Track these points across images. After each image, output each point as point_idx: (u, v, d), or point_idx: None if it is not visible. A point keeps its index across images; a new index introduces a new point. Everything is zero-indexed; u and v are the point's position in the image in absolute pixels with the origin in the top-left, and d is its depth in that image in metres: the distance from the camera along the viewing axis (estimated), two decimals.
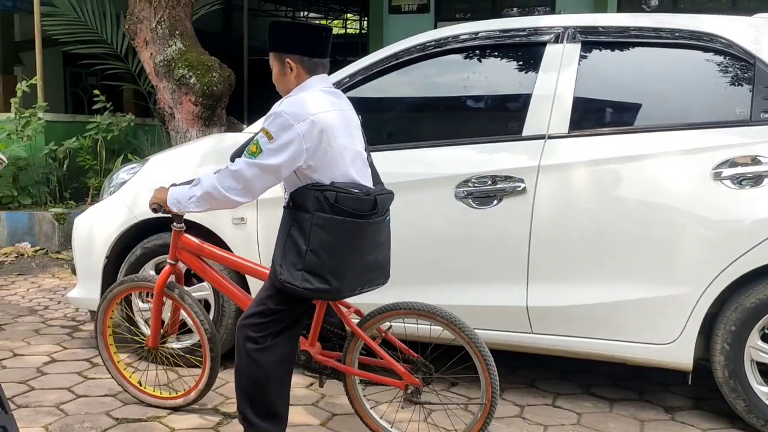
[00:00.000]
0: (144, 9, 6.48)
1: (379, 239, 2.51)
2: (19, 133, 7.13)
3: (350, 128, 2.50)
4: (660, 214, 2.99)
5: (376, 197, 2.44)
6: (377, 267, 2.54)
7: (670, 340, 2.98)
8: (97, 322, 3.21)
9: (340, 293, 2.47)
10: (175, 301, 3.01)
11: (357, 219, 2.37)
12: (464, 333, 2.57)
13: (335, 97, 2.54)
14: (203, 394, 3.08)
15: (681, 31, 3.18)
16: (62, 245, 6.79)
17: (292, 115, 2.35)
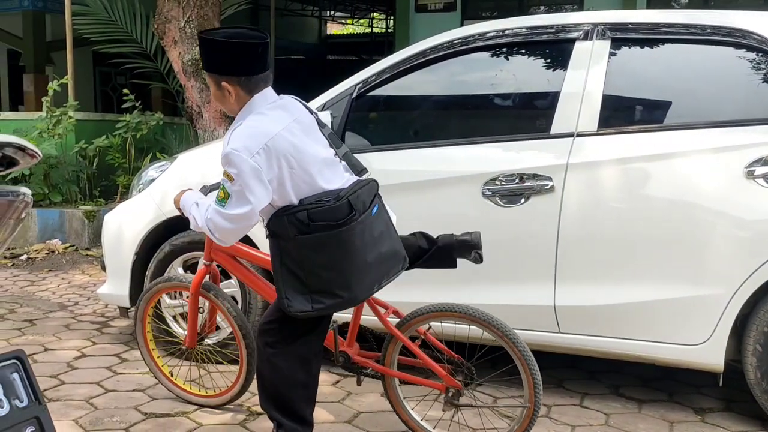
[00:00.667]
0: (173, 9, 6.54)
1: (374, 234, 2.37)
2: (51, 132, 7.23)
3: (308, 135, 2.41)
4: (691, 213, 2.95)
5: (349, 199, 2.31)
6: (386, 259, 2.43)
7: (701, 341, 2.94)
8: (136, 324, 3.22)
9: (356, 300, 2.42)
10: (210, 301, 3.00)
11: (339, 228, 2.28)
12: (506, 335, 2.53)
13: (283, 109, 2.41)
14: (242, 393, 3.07)
15: (713, 27, 3.13)
16: (92, 242, 6.88)
17: (245, 151, 2.23)
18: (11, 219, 1.28)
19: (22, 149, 1.23)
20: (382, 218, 2.44)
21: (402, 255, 2.51)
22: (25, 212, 1.33)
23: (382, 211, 2.46)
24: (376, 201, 2.42)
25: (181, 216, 3.66)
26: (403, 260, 2.51)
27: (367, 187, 2.40)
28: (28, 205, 1.32)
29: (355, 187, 2.37)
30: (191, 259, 3.74)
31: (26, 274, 6.07)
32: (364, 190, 2.38)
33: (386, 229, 2.45)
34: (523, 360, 2.52)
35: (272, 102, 2.41)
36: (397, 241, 2.49)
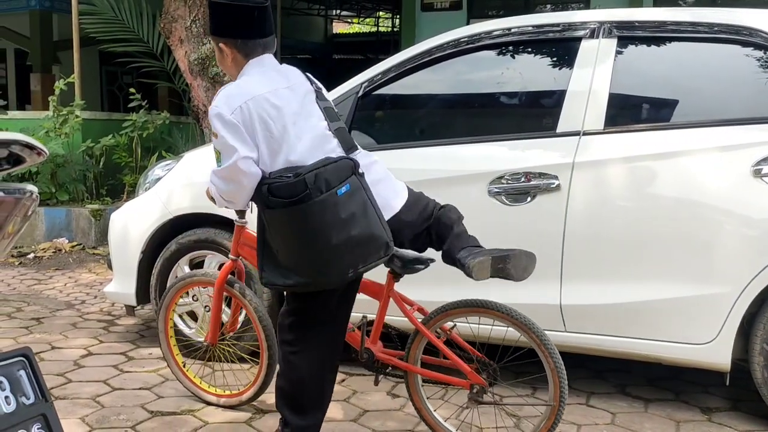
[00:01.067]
0: (179, 8, 6.55)
1: (341, 215, 2.22)
2: (57, 131, 7.25)
3: (297, 103, 2.37)
4: (697, 212, 2.94)
5: (305, 177, 2.20)
6: (359, 243, 2.26)
7: (707, 340, 2.93)
8: (158, 321, 3.20)
9: (326, 283, 2.33)
10: (235, 297, 2.98)
11: (294, 206, 2.21)
12: (532, 331, 2.52)
13: (277, 73, 2.42)
14: (261, 391, 3.04)
15: (719, 26, 3.12)
16: (99, 241, 6.90)
17: (225, 107, 2.29)
18: (18, 216, 1.29)
19: (28, 147, 1.24)
20: (355, 200, 2.26)
21: (382, 241, 2.31)
22: (32, 210, 1.34)
23: (357, 192, 2.27)
24: (347, 181, 2.26)
25: (188, 215, 3.71)
26: (383, 246, 2.32)
27: (333, 165, 2.26)
28: (35, 202, 1.33)
29: (318, 164, 2.26)
30: (197, 257, 3.74)
31: (33, 272, 6.09)
32: (330, 168, 2.25)
33: (360, 211, 2.27)
34: (549, 357, 2.51)
35: (267, 66, 2.42)
36: (375, 225, 2.30)
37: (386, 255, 2.35)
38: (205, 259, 3.73)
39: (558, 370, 2.50)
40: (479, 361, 2.61)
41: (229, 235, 3.60)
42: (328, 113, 2.45)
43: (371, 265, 2.33)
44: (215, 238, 3.63)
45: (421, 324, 2.64)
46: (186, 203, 3.73)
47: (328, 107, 2.47)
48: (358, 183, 2.29)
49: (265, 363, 2.98)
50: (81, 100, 7.63)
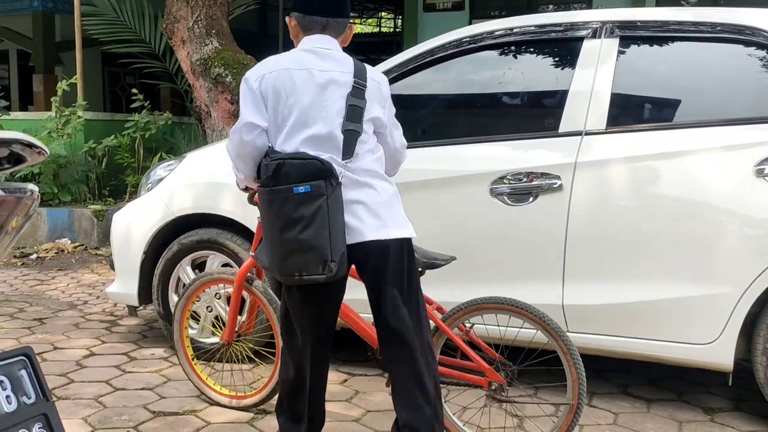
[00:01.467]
0: (181, 9, 6.55)
1: (290, 214, 2.16)
2: (60, 132, 7.27)
3: (319, 88, 2.26)
4: (699, 212, 2.93)
5: (269, 163, 2.21)
6: (299, 249, 2.17)
7: (710, 340, 2.92)
8: (174, 321, 3.18)
9: (279, 276, 2.28)
10: (253, 294, 2.97)
11: (263, 188, 2.25)
12: (552, 329, 2.53)
13: (319, 56, 2.31)
14: (274, 394, 3.01)
15: (722, 25, 3.12)
16: (101, 241, 6.91)
17: (251, 77, 2.31)
18: (19, 215, 1.29)
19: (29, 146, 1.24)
20: (310, 204, 2.15)
21: (321, 257, 2.16)
22: (33, 209, 1.34)
23: (317, 198, 2.15)
24: (312, 183, 2.15)
25: (190, 215, 3.71)
26: (321, 263, 2.17)
27: (300, 162, 2.18)
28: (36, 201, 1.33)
29: (288, 155, 2.22)
30: (200, 257, 3.75)
31: (36, 273, 6.10)
32: (295, 163, 2.18)
33: (311, 217, 2.15)
34: (568, 355, 2.51)
35: (315, 45, 2.34)
36: (320, 238, 2.15)
37: (324, 273, 2.17)
38: (207, 259, 3.73)
39: (576, 366, 2.50)
40: (497, 362, 2.61)
41: (230, 235, 3.61)
42: (351, 112, 2.29)
43: (312, 278, 2.20)
44: (217, 239, 3.63)
45: (441, 321, 2.64)
46: (188, 203, 3.74)
47: (354, 105, 2.30)
48: (322, 189, 2.15)
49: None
50: (83, 101, 7.65)
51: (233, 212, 3.57)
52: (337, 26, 2.39)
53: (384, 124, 2.39)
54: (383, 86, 2.40)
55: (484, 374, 2.60)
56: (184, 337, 3.19)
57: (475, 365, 2.61)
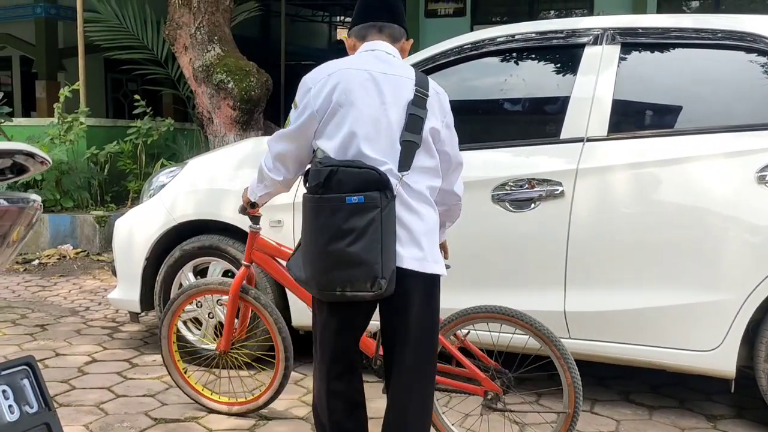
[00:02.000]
0: (184, 15, 6.58)
1: (340, 224, 2.03)
2: (62, 138, 7.29)
3: (379, 92, 2.15)
4: (701, 219, 2.93)
5: (321, 169, 2.07)
6: (349, 262, 2.04)
7: (712, 347, 2.92)
8: (162, 327, 3.16)
9: (317, 291, 2.15)
10: (250, 304, 2.97)
11: (310, 195, 2.10)
12: (546, 337, 2.54)
13: (379, 60, 2.22)
14: (274, 398, 3.04)
15: (723, 32, 3.12)
16: (103, 247, 6.92)
17: (311, 80, 2.20)
18: (22, 225, 1.30)
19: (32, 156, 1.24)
20: (363, 215, 2.03)
21: (372, 272, 2.04)
22: (36, 218, 1.35)
23: (371, 209, 2.03)
24: (365, 194, 2.04)
25: (192, 221, 3.72)
26: (371, 279, 2.04)
27: (356, 170, 2.06)
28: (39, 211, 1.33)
29: (343, 162, 2.09)
30: (201, 264, 3.75)
31: (38, 279, 6.11)
32: (351, 171, 2.06)
33: (363, 229, 2.03)
34: (563, 363, 2.52)
35: (376, 50, 2.26)
36: (372, 252, 2.03)
37: (372, 290, 2.05)
38: (209, 265, 3.73)
39: (572, 375, 2.51)
40: (492, 369, 2.61)
41: (232, 242, 3.62)
42: (411, 122, 2.16)
43: (359, 295, 2.07)
44: (219, 245, 3.64)
45: None
46: (190, 210, 3.74)
47: (414, 115, 2.17)
48: (377, 201, 2.03)
49: (280, 370, 2.98)
50: (86, 107, 7.67)
51: (235, 219, 3.57)
52: (393, 31, 2.30)
53: (442, 139, 2.25)
54: (444, 99, 2.28)
55: (480, 383, 2.60)
56: (173, 351, 3.17)
57: (470, 373, 2.61)
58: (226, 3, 6.76)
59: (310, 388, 3.37)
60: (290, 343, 2.98)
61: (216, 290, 3.11)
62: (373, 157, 2.09)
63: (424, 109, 2.18)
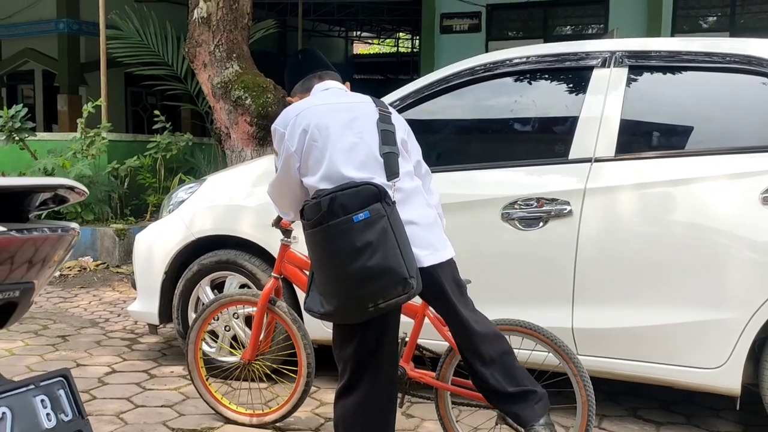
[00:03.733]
0: (203, 33, 6.72)
1: (356, 243, 2.11)
2: (84, 153, 7.45)
3: (348, 119, 2.35)
4: (707, 238, 2.99)
5: (321, 200, 2.16)
6: (374, 276, 2.12)
7: (717, 365, 2.97)
8: (191, 333, 3.23)
9: (347, 315, 2.23)
10: (276, 315, 3.05)
11: (314, 228, 2.17)
12: (566, 354, 2.60)
13: (336, 95, 2.48)
14: (293, 411, 3.11)
15: (730, 56, 3.18)
16: (122, 259, 7.05)
17: (281, 124, 2.40)
18: (61, 249, 1.41)
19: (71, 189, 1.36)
20: (374, 228, 2.13)
21: (400, 276, 2.13)
22: (73, 243, 1.46)
23: (378, 220, 2.14)
24: (368, 208, 2.15)
25: (209, 236, 3.82)
26: (401, 282, 2.14)
27: (353, 190, 2.16)
28: (76, 237, 1.45)
29: (337, 188, 2.19)
30: (219, 278, 3.85)
31: (59, 290, 6.24)
32: (348, 192, 2.16)
33: (378, 240, 2.13)
34: (579, 377, 2.58)
35: (329, 88, 2.53)
36: (393, 258, 2.14)
37: (405, 293, 2.15)
38: (226, 279, 3.83)
39: (589, 401, 2.57)
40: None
41: (249, 257, 3.71)
42: (384, 136, 2.36)
43: (392, 302, 2.16)
44: (236, 260, 3.74)
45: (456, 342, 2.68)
46: (208, 225, 3.85)
47: (386, 130, 2.38)
48: (381, 211, 2.15)
49: (301, 384, 3.04)
50: (107, 123, 7.83)
51: (252, 234, 3.68)
52: (334, 75, 2.58)
53: (410, 150, 2.51)
54: (398, 115, 2.56)
55: None
56: (199, 358, 3.26)
57: None
58: (244, 21, 6.89)
59: (324, 401, 3.48)
60: (314, 359, 3.04)
61: (247, 301, 3.20)
62: (359, 177, 2.24)
63: (391, 124, 2.44)
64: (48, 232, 1.30)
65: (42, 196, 1.36)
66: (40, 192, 1.35)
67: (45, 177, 6.13)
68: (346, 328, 2.31)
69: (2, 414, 1.32)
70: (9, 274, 1.32)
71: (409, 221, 2.27)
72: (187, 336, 3.28)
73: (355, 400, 2.32)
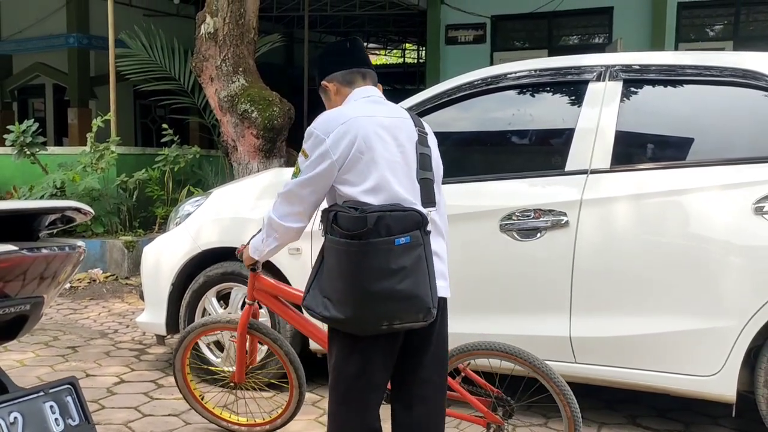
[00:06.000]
0: (210, 48, 6.84)
1: (390, 265, 2.14)
2: (94, 166, 7.56)
3: (392, 137, 2.28)
4: (701, 248, 3.05)
5: (368, 215, 2.14)
6: (398, 298, 2.17)
7: (713, 372, 3.02)
8: (175, 362, 3.29)
9: (357, 326, 2.23)
10: (259, 339, 3.11)
11: (349, 240, 2.15)
12: (544, 373, 2.64)
13: (379, 105, 2.38)
14: (291, 418, 3.19)
15: (723, 69, 3.25)
16: (131, 271, 7.14)
17: (322, 130, 2.25)
18: (68, 267, 1.49)
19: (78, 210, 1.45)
20: (411, 254, 2.17)
21: (425, 304, 2.19)
22: (80, 261, 1.55)
23: (416, 247, 2.18)
24: (410, 234, 2.17)
25: (215, 249, 3.90)
26: (424, 310, 2.19)
27: (401, 213, 2.18)
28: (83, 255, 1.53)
29: (385, 207, 2.19)
30: (224, 289, 3.93)
31: (69, 302, 6.33)
32: (395, 215, 2.17)
33: (413, 267, 2.17)
34: (561, 394, 2.63)
35: (372, 96, 2.40)
36: (423, 286, 2.19)
37: (425, 320, 2.21)
38: (231, 291, 3.91)
39: (575, 417, 2.63)
40: (495, 397, 2.71)
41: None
42: (422, 160, 2.33)
43: (407, 325, 2.22)
44: (241, 272, 3.81)
45: None
46: (214, 238, 3.93)
47: (424, 154, 2.34)
48: (419, 239, 2.18)
49: (294, 395, 3.11)
50: (117, 136, 7.94)
51: None
52: (374, 77, 2.48)
53: (440, 174, 2.43)
54: (432, 135, 2.47)
55: (483, 416, 2.71)
56: (188, 382, 3.32)
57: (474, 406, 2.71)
58: (250, 36, 7.00)
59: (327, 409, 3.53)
60: (302, 370, 3.10)
61: (224, 327, 3.24)
62: (405, 197, 2.23)
63: (428, 147, 2.37)
64: (57, 250, 1.39)
65: (51, 217, 1.46)
66: (49, 214, 1.45)
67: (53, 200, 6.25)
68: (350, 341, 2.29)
69: (14, 419, 1.40)
70: (21, 289, 1.41)
71: (434, 252, 2.28)
72: (173, 366, 3.31)
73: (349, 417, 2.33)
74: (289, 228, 2.39)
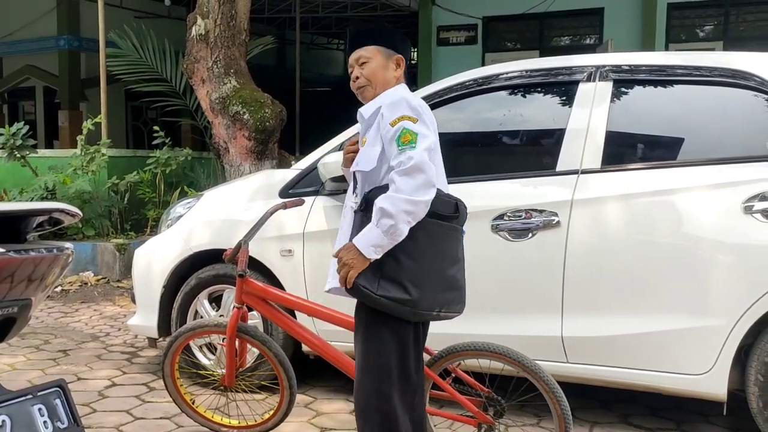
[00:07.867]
0: (201, 50, 6.82)
1: (457, 253, 2.30)
2: (84, 169, 7.53)
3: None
4: (692, 247, 3.06)
5: (457, 201, 2.31)
6: (455, 288, 2.30)
7: (704, 371, 3.03)
8: (163, 367, 3.27)
9: (418, 307, 2.20)
10: (248, 342, 3.11)
11: (441, 221, 2.22)
12: (534, 372, 2.64)
13: None
14: (283, 419, 3.19)
15: (713, 69, 3.26)
16: (123, 274, 7.11)
17: (417, 103, 2.27)
18: (56, 269, 1.49)
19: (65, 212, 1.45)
20: (462, 247, 2.34)
21: (463, 298, 2.34)
22: (68, 263, 1.54)
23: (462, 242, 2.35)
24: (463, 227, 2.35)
25: (207, 251, 3.89)
26: (462, 303, 2.33)
27: (465, 207, 2.37)
28: (71, 257, 1.53)
29: (456, 198, 2.35)
30: (216, 291, 3.92)
31: (60, 305, 6.30)
32: (464, 207, 2.36)
33: (463, 260, 2.35)
34: (551, 393, 2.63)
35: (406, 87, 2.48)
36: (464, 282, 2.36)
37: (459, 312, 2.34)
38: (223, 293, 3.90)
39: (565, 415, 2.63)
40: (486, 397, 2.72)
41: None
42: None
43: (450, 315, 2.31)
44: (233, 273, 3.79)
45: (427, 366, 2.69)
46: (206, 240, 3.92)
47: None
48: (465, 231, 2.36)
49: (285, 396, 3.11)
50: (107, 139, 7.92)
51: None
52: None
53: None
54: None
55: (474, 416, 2.72)
56: (178, 387, 3.30)
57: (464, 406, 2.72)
58: (241, 38, 6.99)
59: (320, 411, 3.54)
60: (292, 371, 3.10)
61: (213, 331, 3.23)
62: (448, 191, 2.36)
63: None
64: (44, 252, 1.39)
65: (38, 219, 1.45)
66: (36, 215, 1.45)
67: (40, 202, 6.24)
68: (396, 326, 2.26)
69: (2, 422, 1.39)
70: (8, 292, 1.40)
71: None
72: (161, 371, 3.29)
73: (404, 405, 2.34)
74: (428, 201, 2.17)
